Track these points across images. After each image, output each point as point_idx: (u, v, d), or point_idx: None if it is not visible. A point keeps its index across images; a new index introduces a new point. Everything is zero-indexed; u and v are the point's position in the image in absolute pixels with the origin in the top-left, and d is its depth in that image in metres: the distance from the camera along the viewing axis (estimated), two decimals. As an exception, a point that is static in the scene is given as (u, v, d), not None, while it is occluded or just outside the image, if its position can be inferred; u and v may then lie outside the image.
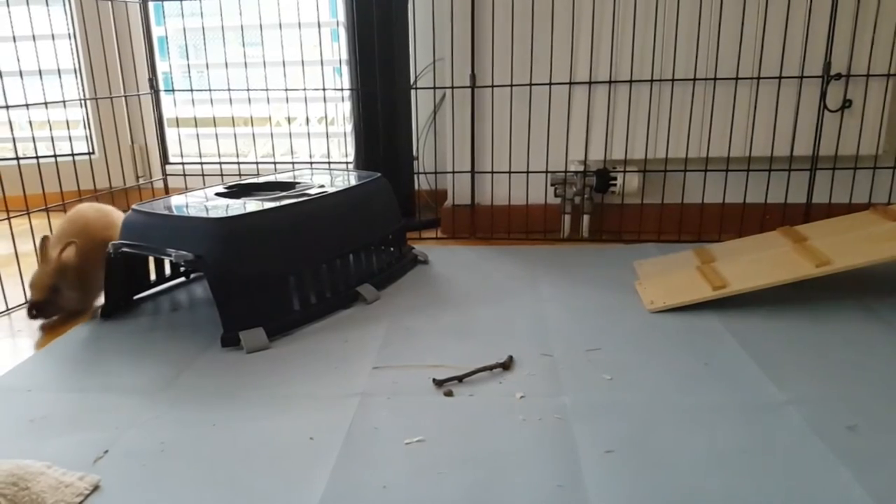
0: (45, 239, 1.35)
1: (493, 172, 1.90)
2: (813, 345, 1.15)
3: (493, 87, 1.83)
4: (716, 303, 1.31)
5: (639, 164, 1.82)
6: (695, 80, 1.73)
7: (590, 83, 1.77)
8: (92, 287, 1.40)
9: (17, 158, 1.46)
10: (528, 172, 1.88)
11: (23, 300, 1.46)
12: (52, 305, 1.33)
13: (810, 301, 1.33)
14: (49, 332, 1.32)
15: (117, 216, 1.44)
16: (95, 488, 0.81)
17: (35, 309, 1.32)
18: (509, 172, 1.89)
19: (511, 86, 1.83)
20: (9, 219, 1.44)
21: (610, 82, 1.76)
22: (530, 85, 1.82)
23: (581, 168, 1.82)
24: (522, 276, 1.55)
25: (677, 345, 1.16)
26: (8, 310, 1.43)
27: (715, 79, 1.73)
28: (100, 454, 0.88)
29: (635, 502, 0.76)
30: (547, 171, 1.87)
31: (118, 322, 1.35)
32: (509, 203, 1.91)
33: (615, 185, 1.82)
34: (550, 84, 1.81)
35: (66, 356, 1.19)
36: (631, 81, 1.75)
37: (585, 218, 1.86)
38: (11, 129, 1.49)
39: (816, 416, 0.92)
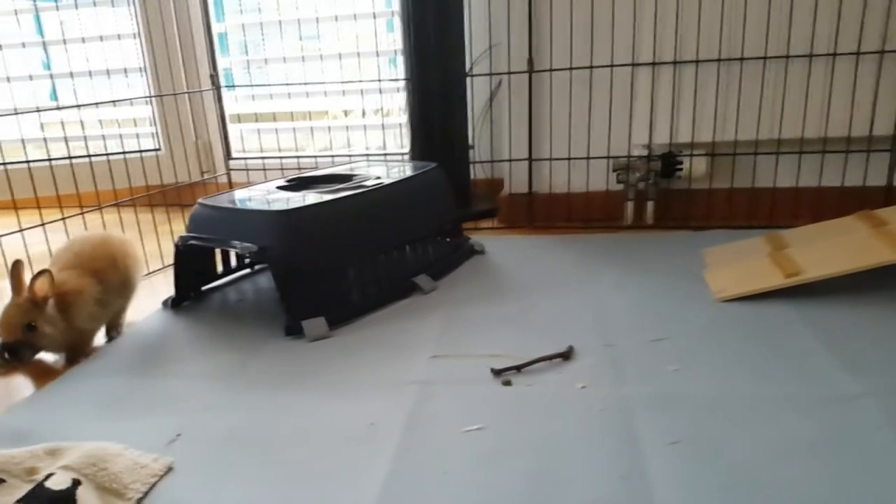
0: (17, 264, 1.13)
1: (551, 159, 1.87)
2: (892, 335, 1.08)
3: (551, 71, 1.80)
4: (788, 291, 1.25)
5: (706, 147, 1.76)
6: (766, 58, 1.65)
7: (654, 64, 1.71)
8: (91, 319, 1.20)
9: (89, 156, 1.52)
10: (588, 158, 1.84)
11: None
12: (28, 347, 1.12)
13: (890, 289, 1.25)
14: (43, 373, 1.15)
15: (134, 248, 1.34)
16: (169, 469, 0.84)
17: (7, 352, 1.10)
18: (569, 159, 1.85)
19: (570, 69, 1.78)
20: (82, 213, 1.50)
21: (675, 63, 1.70)
22: (591, 68, 1.77)
23: (645, 152, 1.77)
24: (583, 265, 1.52)
25: (747, 334, 1.11)
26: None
27: (787, 56, 1.64)
28: (173, 437, 0.91)
29: (701, 495, 0.73)
30: (609, 157, 1.83)
31: (188, 312, 1.39)
32: (569, 190, 1.88)
33: (681, 169, 1.75)
34: (612, 66, 1.76)
35: (141, 344, 1.24)
36: (697, 61, 1.68)
37: (650, 204, 1.81)
38: (83, 128, 1.55)
39: (894, 410, 0.87)
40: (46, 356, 1.20)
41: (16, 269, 1.12)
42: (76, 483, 0.77)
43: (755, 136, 1.71)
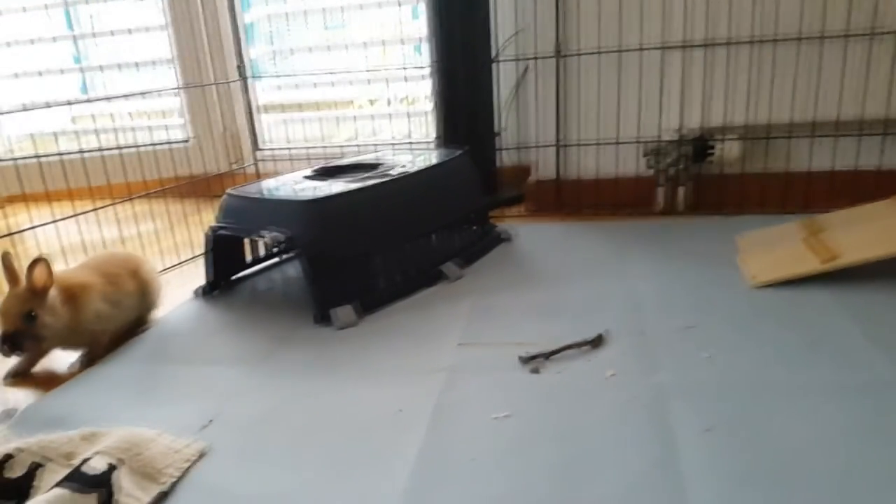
0: (6, 256, 1.09)
1: (579, 144, 1.84)
2: (939, 320, 1.05)
3: (579, 54, 1.77)
4: (824, 276, 1.22)
5: (739, 131, 1.72)
6: (800, 38, 1.60)
7: (684, 46, 1.68)
8: (98, 318, 1.16)
9: (120, 148, 1.55)
10: (617, 143, 1.81)
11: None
12: (28, 336, 1.07)
13: (935, 273, 1.21)
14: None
15: (147, 265, 1.31)
16: (202, 454, 0.85)
17: (8, 342, 1.06)
18: (598, 144, 1.83)
19: (598, 52, 1.76)
20: (114, 204, 1.52)
21: (706, 45, 1.66)
22: (619, 51, 1.74)
23: (676, 136, 1.74)
24: (612, 252, 1.50)
25: (782, 320, 1.09)
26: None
27: (823, 37, 1.59)
28: (205, 422, 0.92)
29: (735, 482, 0.72)
30: (639, 141, 1.80)
31: (218, 300, 1.41)
32: (598, 176, 1.85)
33: (713, 153, 1.72)
34: (641, 49, 1.73)
35: (173, 332, 1.26)
36: (729, 43, 1.65)
37: (681, 189, 1.77)
38: (113, 120, 1.58)
39: (943, 398, 0.84)
40: (61, 360, 1.17)
41: (7, 260, 1.08)
42: (112, 467, 0.78)
43: (790, 118, 1.67)
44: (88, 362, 1.14)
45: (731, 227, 1.57)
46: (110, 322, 1.19)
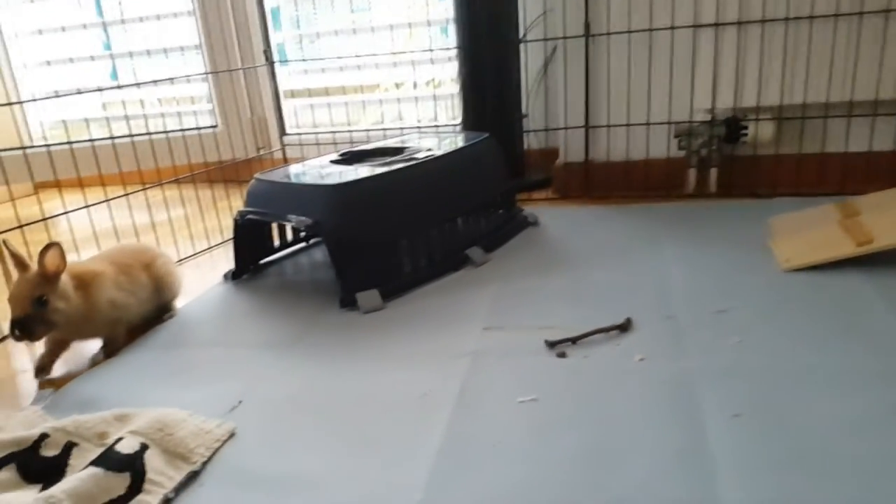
0: (6, 242, 1.08)
1: (609, 126, 1.82)
2: (982, 305, 1.01)
3: (608, 34, 1.74)
4: (860, 260, 1.18)
5: (773, 111, 1.68)
6: (837, 15, 1.55)
7: (717, 25, 1.64)
8: (113, 306, 1.14)
9: (149, 134, 1.56)
10: (648, 124, 1.78)
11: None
12: (39, 321, 1.03)
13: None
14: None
15: (161, 258, 1.28)
16: (232, 435, 0.87)
17: (18, 327, 1.02)
18: (627, 125, 1.80)
19: (629, 32, 1.72)
20: (144, 189, 1.55)
21: (739, 23, 1.62)
22: (650, 30, 1.71)
23: (708, 117, 1.70)
24: (642, 235, 1.47)
25: (815, 305, 1.06)
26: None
27: (861, 13, 1.54)
28: (235, 404, 0.94)
29: (764, 468, 0.71)
30: (670, 122, 1.76)
31: (246, 284, 1.42)
32: (627, 158, 1.82)
33: (746, 134, 1.69)
34: (673, 28, 1.69)
35: (203, 315, 1.28)
36: (763, 21, 1.60)
37: (713, 171, 1.74)
38: (143, 106, 1.59)
39: (985, 385, 0.81)
40: (84, 351, 1.18)
41: (9, 246, 1.06)
42: (144, 447, 0.80)
43: (825, 98, 1.62)
44: (109, 354, 1.14)
45: (763, 210, 1.54)
46: (125, 311, 1.16)
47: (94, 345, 1.17)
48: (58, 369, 1.12)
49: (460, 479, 0.74)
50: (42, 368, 1.11)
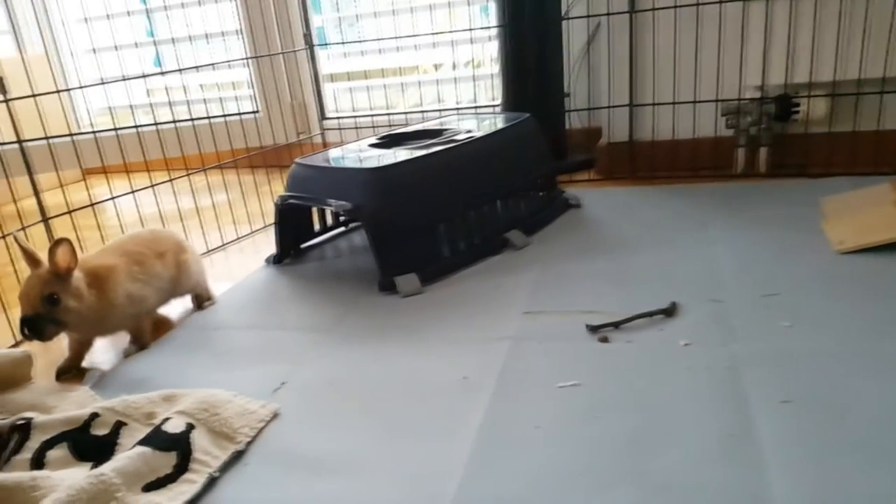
0: (19, 237, 1.03)
1: (654, 104, 1.77)
2: None
3: (654, 10, 1.69)
4: (920, 242, 1.14)
5: (826, 87, 1.61)
6: (898, -17, 1.48)
7: (766, -2, 1.57)
8: (130, 299, 1.09)
9: (193, 119, 1.58)
10: (695, 102, 1.73)
11: (205, 249, 1.59)
12: (49, 321, 0.98)
13: None
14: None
15: (178, 244, 1.23)
16: (275, 415, 0.88)
17: (27, 327, 0.97)
18: (674, 103, 1.75)
19: (675, 7, 1.67)
20: (188, 175, 1.57)
21: (791, -6, 1.55)
22: (697, 4, 1.65)
23: (758, 94, 1.65)
24: (689, 217, 1.44)
25: (869, 289, 1.02)
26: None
27: (925, -21, 1.46)
28: (278, 385, 0.95)
29: (813, 454, 0.69)
30: (718, 100, 1.71)
31: (288, 268, 1.44)
32: (674, 137, 1.78)
33: (798, 111, 1.63)
34: (721, 2, 1.63)
35: (246, 299, 1.30)
36: (817, -9, 1.53)
37: (763, 150, 1.69)
38: (186, 93, 1.62)
39: None
40: (115, 345, 1.17)
41: (21, 241, 1.01)
42: (190, 427, 0.82)
43: (882, 73, 1.55)
44: (141, 347, 1.13)
45: (815, 190, 1.49)
46: (143, 303, 1.12)
47: (123, 338, 1.16)
48: (100, 356, 1.13)
49: (500, 461, 0.74)
50: (65, 370, 1.08)
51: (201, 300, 1.28)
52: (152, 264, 1.14)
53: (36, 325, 0.97)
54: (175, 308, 1.27)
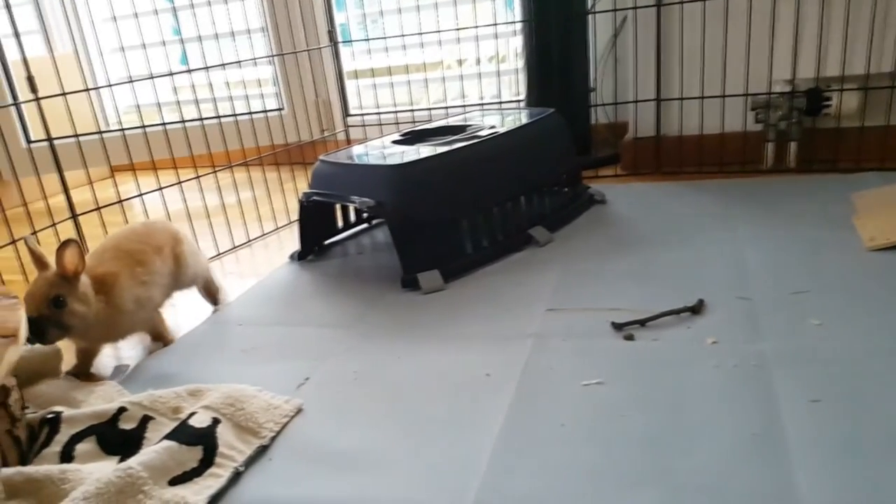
0: (28, 240, 1.00)
1: (681, 99, 1.74)
2: None
3: (681, 2, 1.67)
4: (958, 238, 1.10)
5: (859, 81, 1.57)
6: (935, -29, 1.44)
7: (796, -11, 1.54)
8: (139, 303, 1.07)
9: (219, 117, 1.60)
10: (723, 96, 1.70)
11: (230, 246, 1.61)
12: (53, 324, 0.96)
13: None
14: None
15: (176, 228, 1.22)
16: (299, 411, 0.89)
17: (30, 328, 0.93)
18: (701, 98, 1.72)
19: (703, 0, 1.64)
20: (214, 172, 1.59)
21: (822, -15, 1.52)
22: (725, -3, 1.63)
23: (788, 88, 1.62)
24: (716, 213, 1.41)
25: (905, 287, 1.00)
26: (218, 254, 1.58)
27: (963, -33, 1.42)
28: (302, 381, 0.96)
29: (842, 454, 0.68)
30: (746, 94, 1.68)
31: (312, 265, 1.44)
32: (701, 132, 1.75)
33: (829, 106, 1.60)
34: (749, -6, 1.60)
35: (270, 295, 1.31)
36: (849, -18, 1.50)
37: (793, 145, 1.65)
38: (212, 90, 1.63)
39: None
40: (141, 341, 1.17)
41: (30, 243, 0.99)
42: (216, 421, 0.82)
43: (919, 64, 1.51)
44: (166, 343, 1.14)
45: (846, 186, 1.45)
46: (150, 305, 1.11)
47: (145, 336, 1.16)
48: (126, 352, 1.14)
49: (523, 458, 0.74)
50: (75, 377, 1.06)
51: (212, 292, 1.27)
52: (153, 261, 1.11)
53: (39, 327, 0.94)
54: (199, 304, 1.29)
